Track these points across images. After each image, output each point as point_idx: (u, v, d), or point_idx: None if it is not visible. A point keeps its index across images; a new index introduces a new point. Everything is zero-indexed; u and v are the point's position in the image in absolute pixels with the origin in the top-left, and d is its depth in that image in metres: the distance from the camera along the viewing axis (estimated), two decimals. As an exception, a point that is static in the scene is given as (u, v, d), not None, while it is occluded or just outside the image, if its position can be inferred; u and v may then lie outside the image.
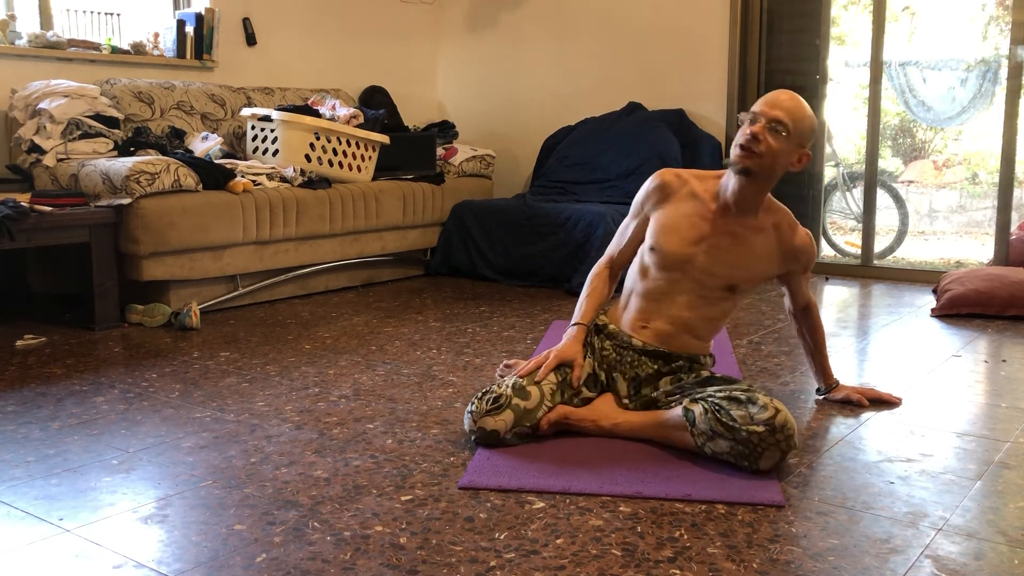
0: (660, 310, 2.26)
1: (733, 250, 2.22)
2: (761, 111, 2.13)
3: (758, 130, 2.11)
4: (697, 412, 2.02)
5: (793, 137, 2.13)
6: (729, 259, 2.22)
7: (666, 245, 2.23)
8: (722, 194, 2.23)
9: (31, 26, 4.25)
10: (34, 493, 1.89)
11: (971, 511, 1.78)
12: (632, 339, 2.27)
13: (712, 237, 2.22)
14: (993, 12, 6.83)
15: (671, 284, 2.25)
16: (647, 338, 2.27)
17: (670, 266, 2.24)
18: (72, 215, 3.38)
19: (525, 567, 1.54)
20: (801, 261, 2.33)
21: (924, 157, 7.59)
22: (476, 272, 4.66)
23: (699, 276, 2.23)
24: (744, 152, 2.13)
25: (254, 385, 2.71)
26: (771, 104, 2.13)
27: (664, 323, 2.26)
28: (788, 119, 2.12)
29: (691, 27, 4.98)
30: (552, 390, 2.18)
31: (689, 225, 2.23)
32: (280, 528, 1.70)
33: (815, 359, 2.54)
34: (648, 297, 2.28)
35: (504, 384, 2.17)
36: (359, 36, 5.49)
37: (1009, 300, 3.62)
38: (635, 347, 2.27)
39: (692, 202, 2.25)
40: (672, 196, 2.28)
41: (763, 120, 2.12)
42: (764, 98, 2.16)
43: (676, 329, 2.26)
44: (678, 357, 2.26)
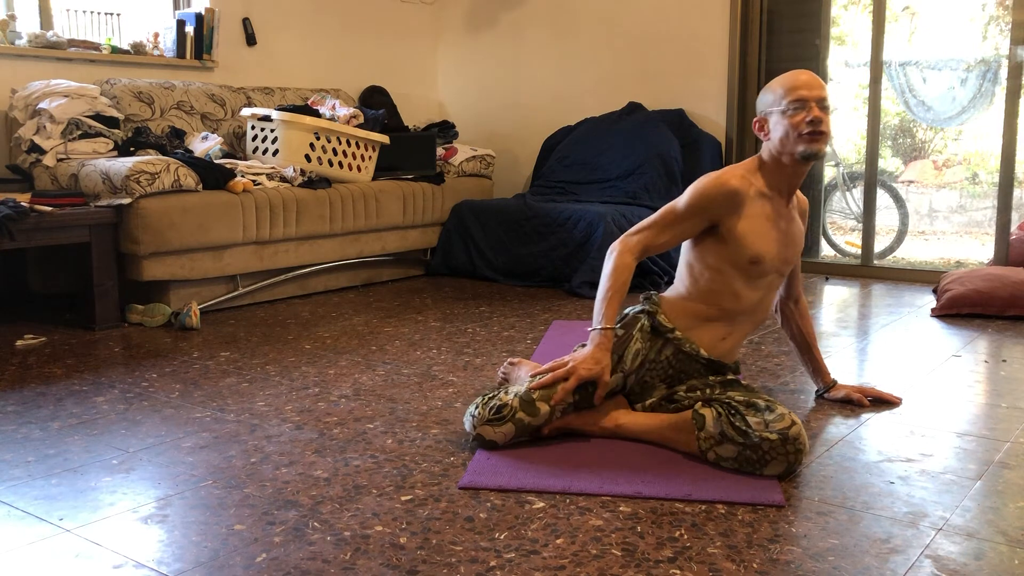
0: (748, 320, 2.26)
1: (796, 233, 2.29)
2: (806, 95, 2.15)
3: (819, 114, 2.14)
4: (709, 416, 2.01)
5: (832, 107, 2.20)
6: (796, 238, 2.28)
7: (768, 254, 2.19)
8: (779, 183, 2.23)
9: (31, 26, 4.25)
10: (34, 493, 1.89)
11: (971, 511, 1.78)
12: (700, 350, 2.20)
13: (785, 229, 2.25)
14: (993, 12, 6.82)
15: (769, 286, 2.26)
16: (724, 351, 2.24)
17: (769, 271, 2.23)
18: (72, 215, 3.38)
19: (525, 567, 1.54)
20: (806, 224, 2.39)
21: (924, 157, 7.59)
22: (476, 272, 4.66)
23: (784, 270, 2.28)
24: (817, 136, 2.14)
25: (254, 385, 2.71)
26: (809, 85, 2.16)
27: (748, 330, 2.28)
28: (827, 93, 2.18)
29: (691, 27, 4.98)
30: (564, 409, 2.12)
31: (772, 227, 2.22)
32: (280, 528, 1.70)
33: (809, 356, 2.54)
34: (736, 308, 2.22)
35: (512, 393, 2.11)
36: (359, 36, 5.49)
37: (1009, 300, 3.62)
38: (702, 359, 2.21)
39: (761, 202, 2.21)
40: (745, 201, 2.18)
41: (814, 103, 2.15)
42: (795, 82, 2.17)
43: (752, 331, 2.30)
44: (729, 368, 2.25)
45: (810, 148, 2.15)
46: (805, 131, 2.14)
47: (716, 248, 2.19)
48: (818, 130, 2.14)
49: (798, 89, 2.15)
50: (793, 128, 2.15)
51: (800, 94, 2.15)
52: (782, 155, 2.19)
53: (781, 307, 2.54)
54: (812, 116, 2.14)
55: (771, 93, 2.22)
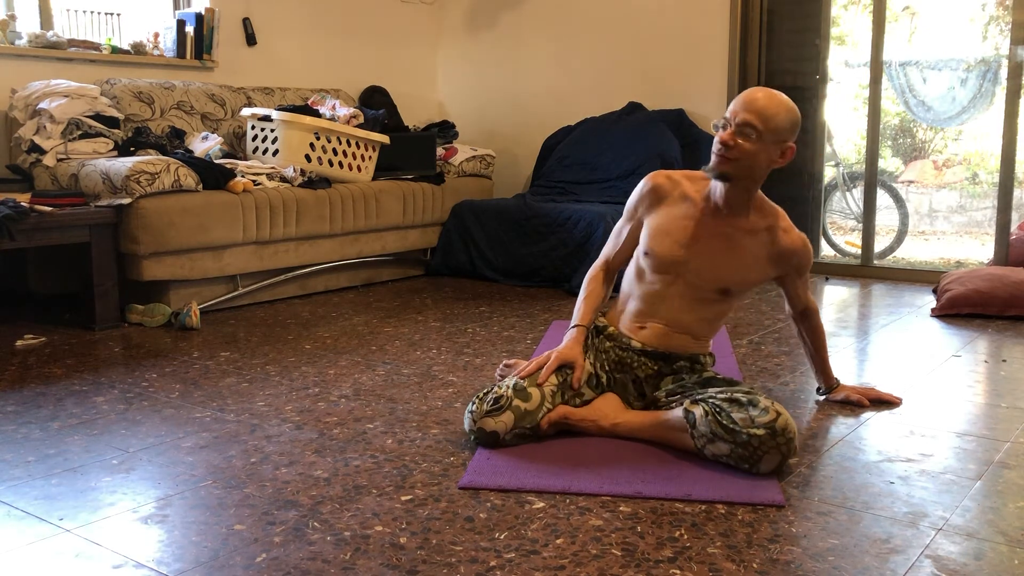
0: (656, 312, 2.26)
1: (725, 253, 2.22)
2: (731, 115, 2.12)
3: (727, 137, 2.10)
4: (698, 414, 2.02)
5: (766, 136, 2.10)
6: (721, 262, 2.22)
7: (658, 249, 2.23)
8: (712, 195, 2.22)
9: (31, 26, 4.25)
10: (34, 493, 1.89)
11: (971, 511, 1.78)
12: (631, 341, 2.28)
13: (704, 240, 2.22)
14: (993, 12, 6.82)
15: (665, 287, 2.25)
16: (645, 339, 2.27)
17: (663, 269, 2.24)
18: (72, 215, 3.38)
19: (525, 567, 1.54)
20: (794, 264, 2.30)
21: (924, 157, 7.59)
22: (476, 272, 4.66)
23: (692, 279, 2.23)
24: (718, 158, 2.13)
25: (254, 385, 2.71)
26: (742, 106, 2.11)
27: (660, 324, 2.26)
28: (757, 120, 2.08)
29: (691, 27, 4.98)
30: (553, 391, 2.18)
31: (681, 228, 2.23)
32: (280, 528, 1.71)
33: (815, 361, 2.54)
34: (644, 300, 2.28)
35: (505, 385, 2.17)
36: (359, 36, 5.49)
37: (1009, 300, 3.62)
38: (634, 348, 2.27)
39: (684, 204, 2.25)
40: (665, 199, 2.27)
41: (732, 125, 2.11)
42: (738, 99, 2.13)
43: (672, 330, 2.26)
44: (678, 357, 2.26)
45: (713, 168, 2.15)
46: (714, 148, 2.13)
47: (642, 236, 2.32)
48: (721, 153, 2.11)
49: (734, 105, 2.12)
50: (714, 144, 2.15)
51: (730, 111, 2.13)
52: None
53: (792, 318, 2.52)
54: (721, 137, 2.11)
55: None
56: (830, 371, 2.54)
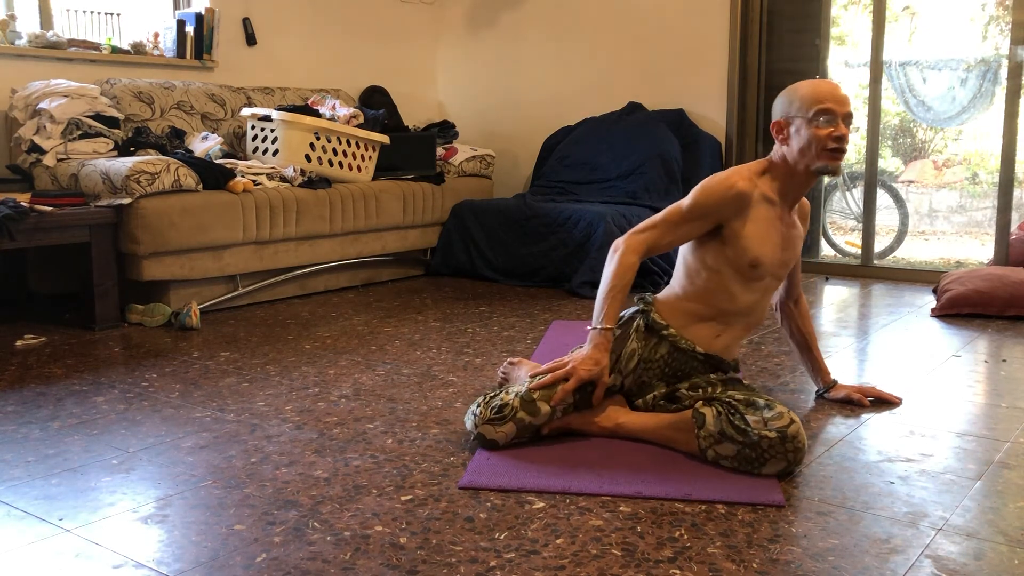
0: (743, 318, 2.24)
1: (796, 239, 2.29)
2: (836, 109, 2.13)
3: (846, 131, 2.14)
4: (709, 415, 2.01)
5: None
6: (795, 248, 2.28)
7: (766, 258, 2.17)
8: (787, 189, 2.21)
9: (31, 26, 4.25)
10: (34, 493, 1.89)
11: (971, 511, 1.78)
12: (696, 347, 2.20)
13: (785, 234, 2.24)
14: (993, 12, 6.82)
15: (765, 290, 2.24)
16: (714, 347, 2.22)
17: (767, 275, 2.21)
18: (72, 215, 3.38)
19: (525, 567, 1.54)
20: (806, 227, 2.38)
21: (924, 157, 7.59)
22: (476, 272, 4.66)
23: (781, 274, 2.28)
24: (837, 155, 2.14)
25: (254, 385, 2.71)
26: (838, 100, 2.14)
27: (741, 331, 2.25)
28: (851, 109, 2.17)
29: (691, 27, 4.98)
30: (565, 409, 2.13)
31: (775, 232, 2.20)
32: (280, 528, 1.70)
33: (808, 355, 2.54)
34: (736, 312, 2.21)
35: (514, 392, 2.12)
36: (359, 36, 5.49)
37: (1009, 300, 3.62)
38: (698, 356, 2.20)
39: (766, 206, 2.19)
40: (750, 204, 2.16)
41: (842, 118, 2.14)
42: (826, 93, 2.13)
43: (749, 329, 2.29)
44: (730, 366, 2.25)
45: (830, 164, 2.15)
46: (830, 146, 2.12)
47: (717, 249, 2.18)
48: (842, 147, 2.14)
49: (827, 101, 2.12)
50: (818, 140, 2.12)
51: (829, 107, 2.12)
52: (798, 164, 2.16)
53: (781, 307, 2.53)
54: (840, 132, 2.13)
55: (797, 98, 2.16)
56: (826, 367, 2.55)
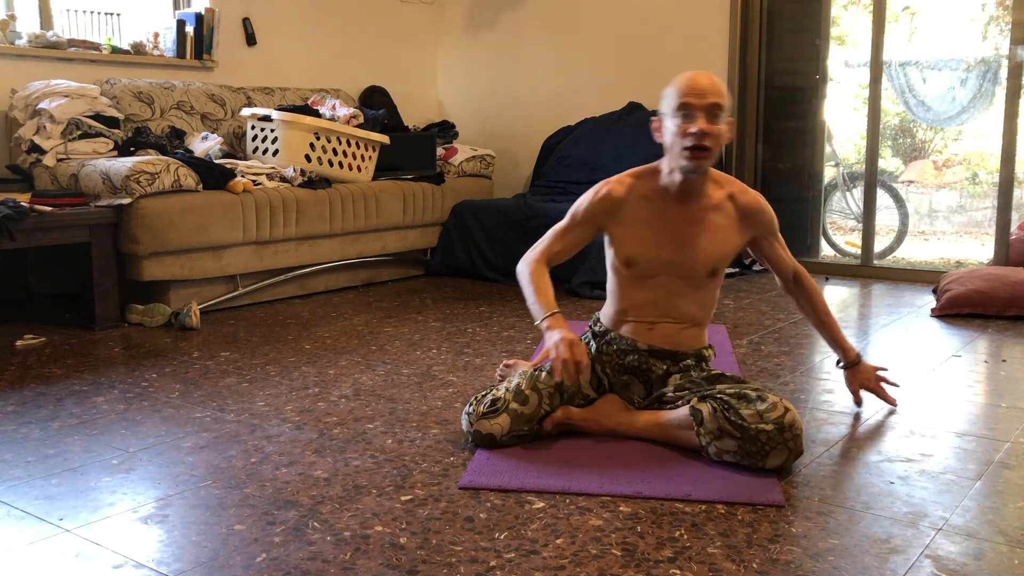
0: (663, 311, 2.24)
1: (701, 235, 2.18)
2: (692, 103, 2.03)
3: (704, 126, 2.02)
4: (705, 411, 2.01)
5: (727, 112, 2.08)
6: (701, 245, 2.19)
7: (640, 256, 2.20)
8: (670, 188, 2.18)
9: (31, 26, 4.25)
10: (34, 493, 1.89)
11: (971, 511, 1.78)
12: (637, 343, 2.24)
13: (678, 231, 2.18)
14: (993, 12, 6.83)
15: (661, 287, 2.22)
16: (654, 340, 2.23)
17: (651, 272, 2.21)
18: (72, 215, 3.38)
19: (525, 567, 1.54)
20: (761, 222, 2.24)
21: (924, 157, 7.59)
22: (476, 272, 4.66)
23: (683, 271, 2.21)
24: (697, 153, 2.05)
25: (254, 385, 2.71)
26: (697, 92, 2.03)
27: (670, 322, 2.24)
28: (721, 98, 2.04)
29: (691, 27, 4.98)
30: (550, 393, 2.18)
31: (653, 229, 2.19)
32: (280, 528, 1.71)
33: (825, 332, 2.40)
34: (647, 304, 2.24)
35: (503, 387, 2.16)
36: (359, 36, 5.49)
37: (1009, 300, 3.62)
38: (641, 350, 2.24)
39: (645, 204, 2.21)
40: (623, 205, 2.21)
41: (701, 112, 2.04)
42: (683, 87, 2.05)
43: (681, 325, 2.24)
44: (685, 356, 2.25)
45: (690, 164, 2.07)
46: (688, 143, 2.05)
47: (609, 251, 2.28)
48: (700, 144, 2.03)
49: (688, 93, 2.03)
50: (679, 137, 2.07)
51: (688, 100, 2.03)
52: (672, 162, 2.13)
53: (787, 292, 2.42)
54: (696, 127, 2.02)
55: (667, 94, 2.11)
56: (846, 342, 2.42)
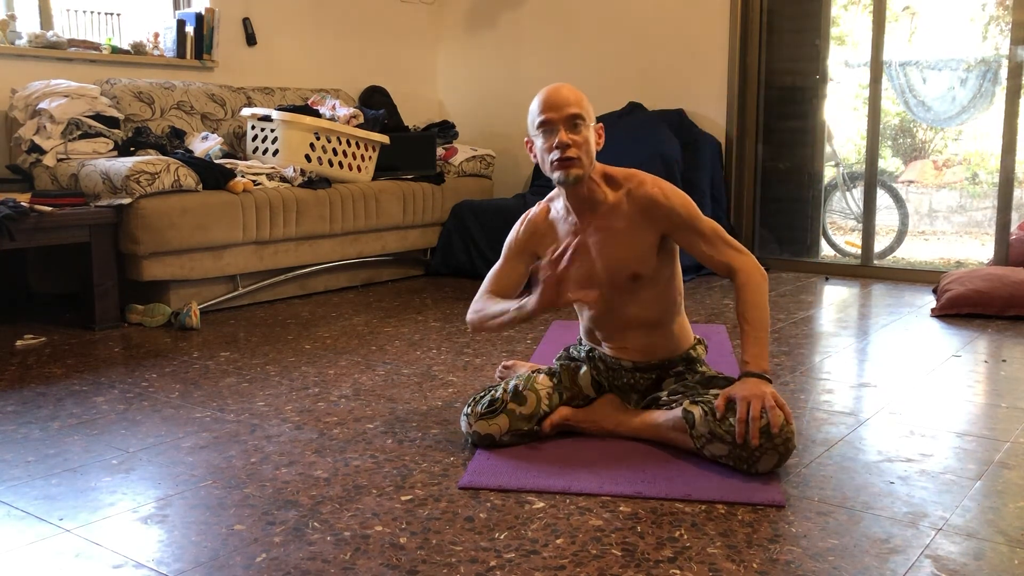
0: (619, 328, 2.21)
1: (608, 242, 2.15)
2: (551, 117, 2.04)
3: (564, 138, 2.03)
4: (697, 415, 2.01)
5: (589, 119, 2.09)
6: (610, 252, 2.15)
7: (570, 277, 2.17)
8: (567, 204, 2.17)
9: (31, 26, 4.25)
10: (34, 493, 1.89)
11: (971, 511, 1.78)
12: (620, 360, 2.24)
13: (584, 246, 2.15)
14: (993, 12, 6.82)
15: (606, 302, 2.19)
16: (632, 356, 2.23)
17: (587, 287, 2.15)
18: (72, 215, 3.38)
19: (525, 567, 1.54)
20: (660, 214, 2.10)
21: (924, 157, 7.59)
22: (476, 272, 4.65)
23: (606, 283, 2.16)
24: (565, 164, 2.05)
25: (254, 385, 2.71)
26: (554, 106, 2.04)
27: (633, 336, 2.20)
28: (579, 108, 2.05)
29: (691, 27, 4.98)
30: (549, 393, 2.18)
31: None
32: (280, 528, 1.71)
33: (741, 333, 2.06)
34: (601, 326, 2.24)
35: (501, 388, 2.17)
36: (359, 36, 5.49)
37: (1009, 300, 3.62)
38: (626, 367, 2.24)
39: (557, 226, 2.22)
40: (539, 228, 2.24)
41: (560, 125, 2.05)
42: (542, 103, 2.06)
43: (644, 332, 2.19)
44: (672, 363, 2.23)
45: (561, 174, 2.07)
46: (555, 157, 2.05)
47: None
48: (565, 155, 2.04)
49: (546, 110, 2.05)
50: (546, 153, 2.08)
51: (547, 115, 2.04)
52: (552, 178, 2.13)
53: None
54: (558, 140, 2.03)
55: (530, 112, 2.11)
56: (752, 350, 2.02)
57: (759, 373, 1.98)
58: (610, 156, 5.01)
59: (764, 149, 5.04)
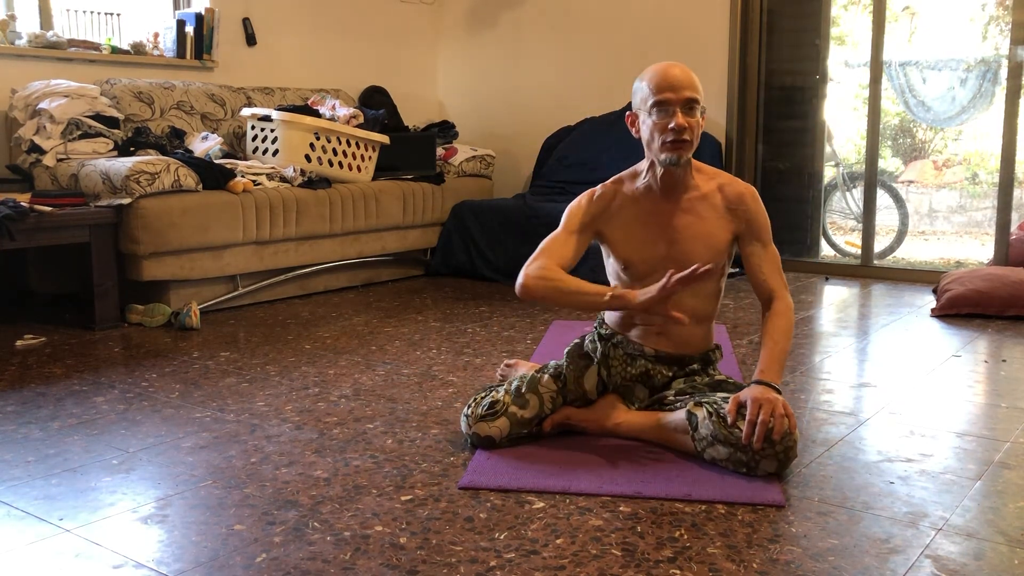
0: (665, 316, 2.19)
1: (691, 227, 2.16)
2: (669, 98, 2.04)
3: (682, 121, 2.04)
4: (700, 416, 2.00)
5: (702, 103, 2.10)
6: (694, 236, 2.16)
7: (635, 256, 2.18)
8: (654, 184, 2.17)
9: (31, 26, 4.25)
10: (34, 493, 1.89)
11: (971, 511, 1.78)
12: (644, 347, 2.21)
13: (670, 226, 2.16)
14: (993, 12, 6.82)
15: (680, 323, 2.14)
16: (661, 344, 2.20)
17: (649, 271, 2.16)
18: (72, 215, 3.38)
19: (525, 567, 1.54)
20: (745, 212, 2.16)
21: (924, 157, 7.59)
22: (476, 272, 4.66)
23: (679, 266, 2.13)
24: (679, 146, 2.06)
25: (254, 385, 2.71)
26: (674, 86, 2.04)
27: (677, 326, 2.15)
28: (697, 93, 2.06)
29: (691, 27, 4.98)
30: (552, 397, 2.17)
31: (643, 226, 2.18)
32: (280, 528, 1.71)
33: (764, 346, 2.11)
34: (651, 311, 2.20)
35: (503, 389, 2.16)
36: (359, 36, 5.49)
37: (1009, 300, 3.62)
38: (648, 355, 2.21)
39: (632, 205, 2.20)
40: (611, 206, 2.21)
41: (678, 107, 2.05)
42: (659, 82, 2.05)
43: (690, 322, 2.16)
44: (691, 360, 2.22)
45: (672, 156, 2.08)
46: (669, 139, 2.06)
47: (608, 260, 2.27)
48: (680, 138, 2.05)
49: (663, 91, 2.04)
50: (658, 133, 2.08)
51: (665, 96, 2.04)
52: (653, 156, 2.14)
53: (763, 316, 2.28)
54: (675, 123, 2.04)
55: (640, 91, 2.11)
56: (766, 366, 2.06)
57: (772, 383, 2.01)
58: (610, 156, 5.04)
59: (764, 149, 5.04)
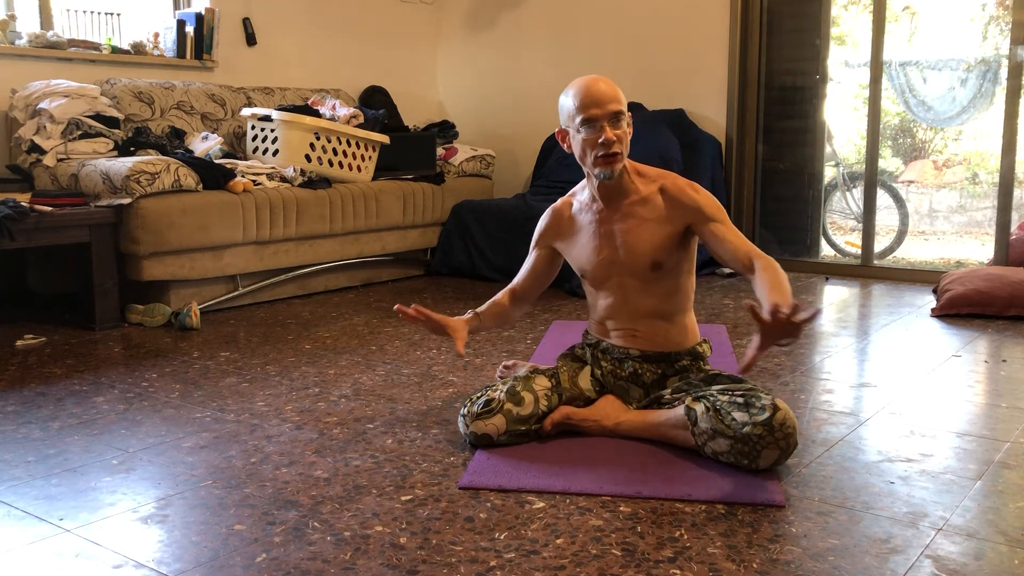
0: (631, 315, 2.25)
1: (632, 231, 2.20)
2: (596, 114, 2.07)
3: (610, 135, 2.07)
4: (699, 411, 2.01)
5: (627, 113, 2.13)
6: (634, 240, 2.20)
7: (587, 266, 2.28)
8: (595, 195, 2.24)
9: (31, 26, 4.25)
10: (34, 493, 1.89)
11: (971, 511, 1.78)
12: (628, 350, 2.26)
13: (611, 233, 2.23)
14: (993, 12, 6.82)
15: (617, 289, 2.25)
16: (641, 344, 2.25)
17: (603, 278, 2.26)
18: (72, 215, 3.38)
19: (525, 567, 1.54)
20: (688, 205, 2.17)
21: (924, 157, 7.59)
22: (476, 272, 4.66)
23: (627, 270, 2.22)
24: (610, 160, 2.10)
25: (254, 385, 2.71)
26: (599, 101, 2.07)
27: (645, 323, 2.24)
28: (621, 104, 2.09)
29: (691, 27, 4.98)
30: (547, 394, 2.20)
31: (589, 237, 2.27)
32: (280, 528, 1.71)
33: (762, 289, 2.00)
34: (614, 311, 2.27)
35: (498, 388, 2.18)
36: (359, 36, 5.49)
37: (1009, 300, 3.62)
38: (633, 356, 2.25)
39: (581, 216, 2.29)
40: (564, 220, 2.33)
41: (605, 122, 2.08)
42: (583, 98, 2.08)
43: (656, 320, 2.23)
44: (678, 356, 2.25)
45: (605, 171, 2.12)
46: (600, 153, 2.10)
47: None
48: (610, 152, 2.09)
49: (589, 107, 2.07)
50: (589, 148, 2.12)
51: (591, 113, 2.07)
52: (587, 170, 2.19)
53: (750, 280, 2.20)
54: (604, 138, 2.07)
55: (567, 106, 2.14)
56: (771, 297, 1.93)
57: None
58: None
59: (764, 149, 5.04)
